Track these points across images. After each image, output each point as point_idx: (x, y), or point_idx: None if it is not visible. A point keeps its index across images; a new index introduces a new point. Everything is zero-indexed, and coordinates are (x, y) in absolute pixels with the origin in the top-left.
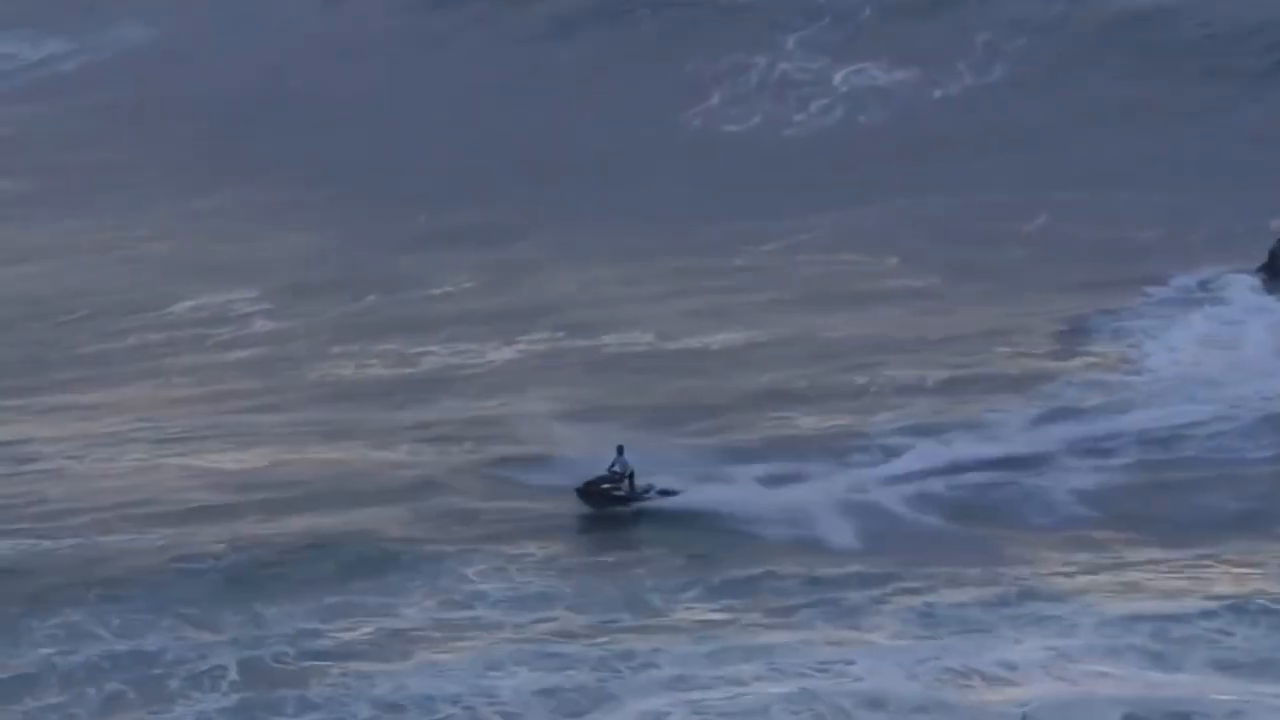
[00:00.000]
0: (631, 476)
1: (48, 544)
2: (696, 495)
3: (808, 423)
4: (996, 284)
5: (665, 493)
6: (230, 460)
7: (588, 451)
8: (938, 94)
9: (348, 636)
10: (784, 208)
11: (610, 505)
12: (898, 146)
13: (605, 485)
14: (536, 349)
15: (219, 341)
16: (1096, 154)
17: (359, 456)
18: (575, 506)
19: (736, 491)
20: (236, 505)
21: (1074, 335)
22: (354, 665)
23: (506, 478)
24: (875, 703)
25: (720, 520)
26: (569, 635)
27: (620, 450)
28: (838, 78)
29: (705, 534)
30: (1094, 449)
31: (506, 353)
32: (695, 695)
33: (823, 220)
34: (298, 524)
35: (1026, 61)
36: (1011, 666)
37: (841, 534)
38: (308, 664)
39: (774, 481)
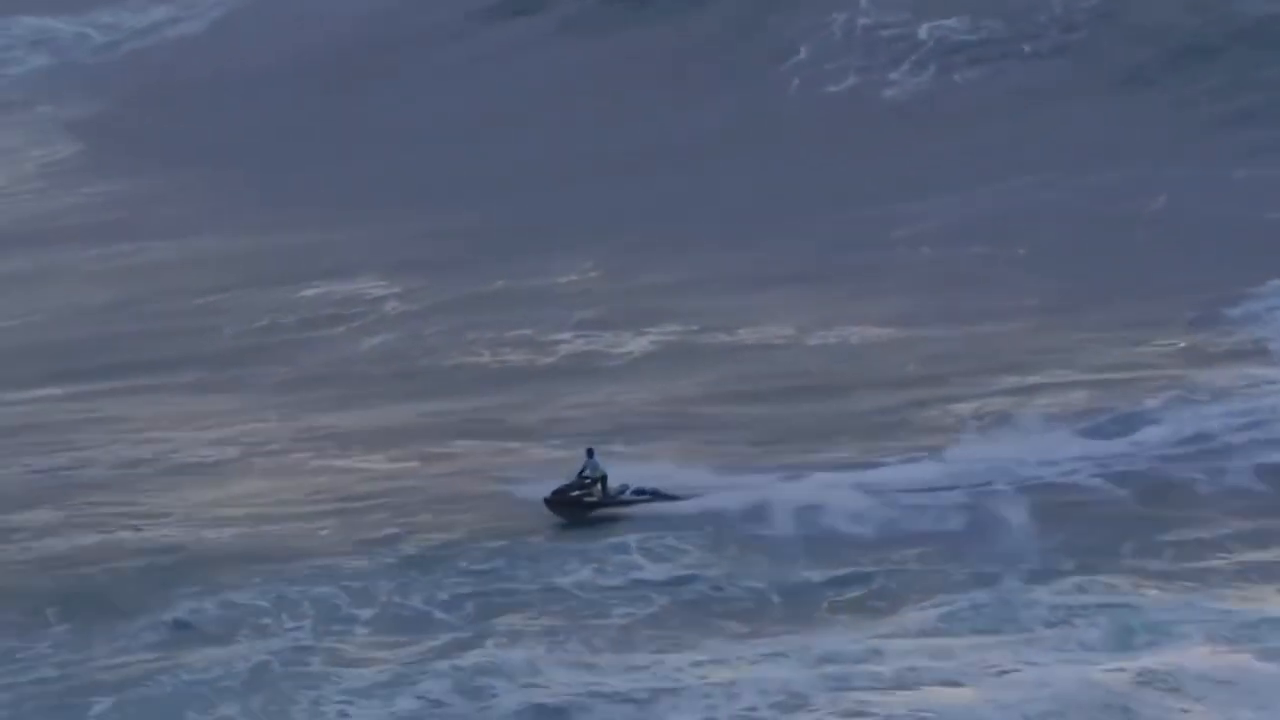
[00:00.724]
0: (604, 480)
1: (209, 533)
2: (694, 497)
3: (963, 409)
4: (1126, 268)
5: (642, 493)
6: (382, 450)
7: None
8: (1027, 48)
9: None
10: (901, 180)
11: (582, 513)
12: (998, 104)
13: (575, 493)
14: (668, 339)
15: (353, 328)
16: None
17: (500, 447)
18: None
19: (752, 489)
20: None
21: (1213, 320)
22: None
23: None
24: None
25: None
26: None
27: (590, 453)
28: (922, 31)
29: None
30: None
31: (641, 343)
32: None
33: (945, 202)
34: (464, 520)
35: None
36: None
37: (1018, 514)
38: None
39: (932, 465)
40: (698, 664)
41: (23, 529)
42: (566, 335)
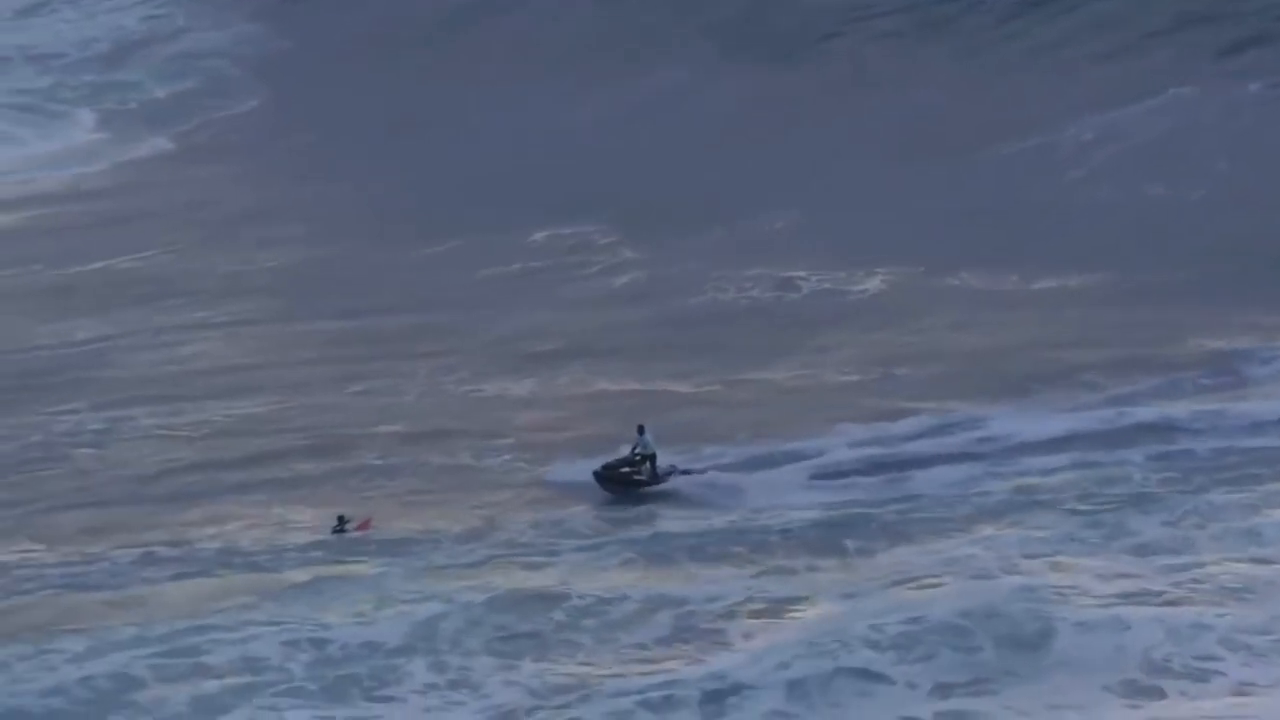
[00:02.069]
0: (653, 459)
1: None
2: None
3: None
4: None
5: (688, 473)
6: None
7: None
8: None
9: None
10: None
11: (631, 489)
12: None
13: (625, 469)
14: (896, 279)
15: (594, 270)
16: None
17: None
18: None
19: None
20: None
21: None
22: None
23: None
24: None
25: None
26: None
27: (641, 430)
28: None
29: None
30: None
31: (874, 282)
32: None
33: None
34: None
35: None
36: None
37: None
38: None
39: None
40: None
41: None
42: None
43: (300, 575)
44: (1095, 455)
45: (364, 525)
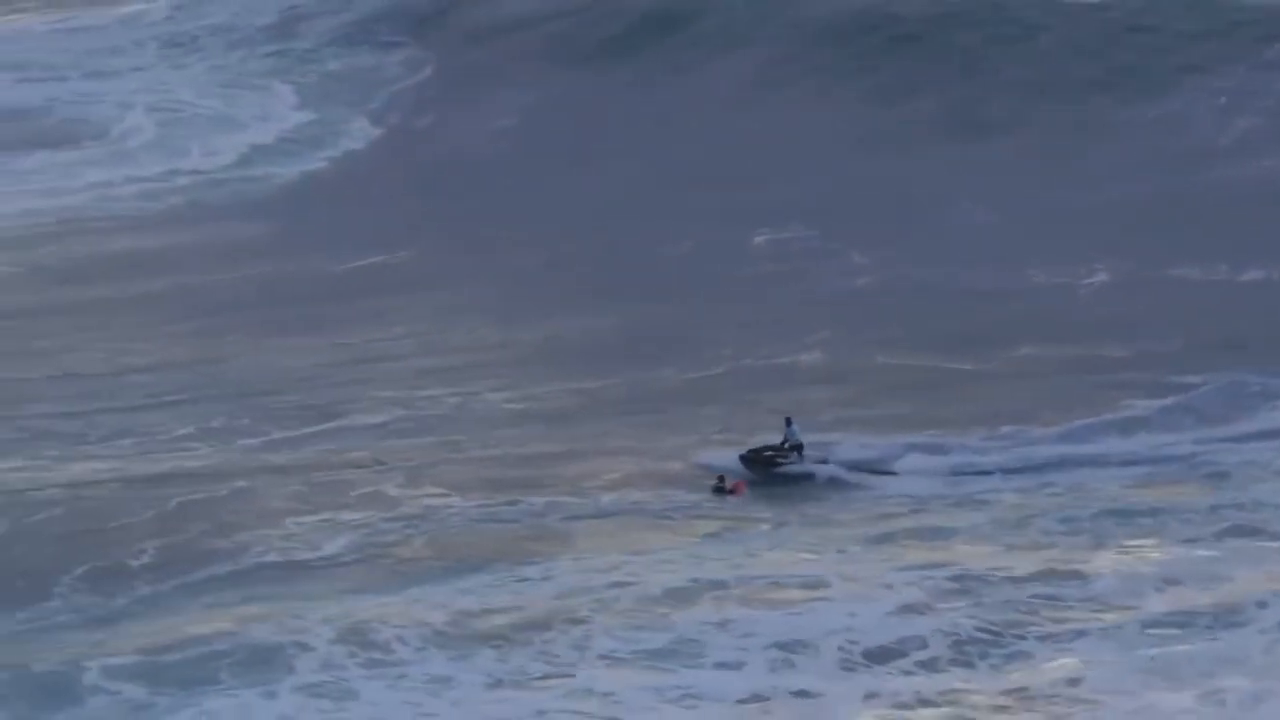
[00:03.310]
0: (800, 448)
1: None
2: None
3: None
4: None
5: (825, 463)
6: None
7: None
8: None
9: None
10: None
11: (770, 469)
12: None
13: (769, 453)
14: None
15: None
16: None
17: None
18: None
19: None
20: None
21: None
22: None
23: None
24: None
25: None
26: None
27: (789, 422)
28: None
29: None
30: None
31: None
32: None
33: None
34: None
35: None
36: None
37: None
38: None
39: None
40: None
41: None
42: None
43: (709, 525)
44: None
45: (737, 488)
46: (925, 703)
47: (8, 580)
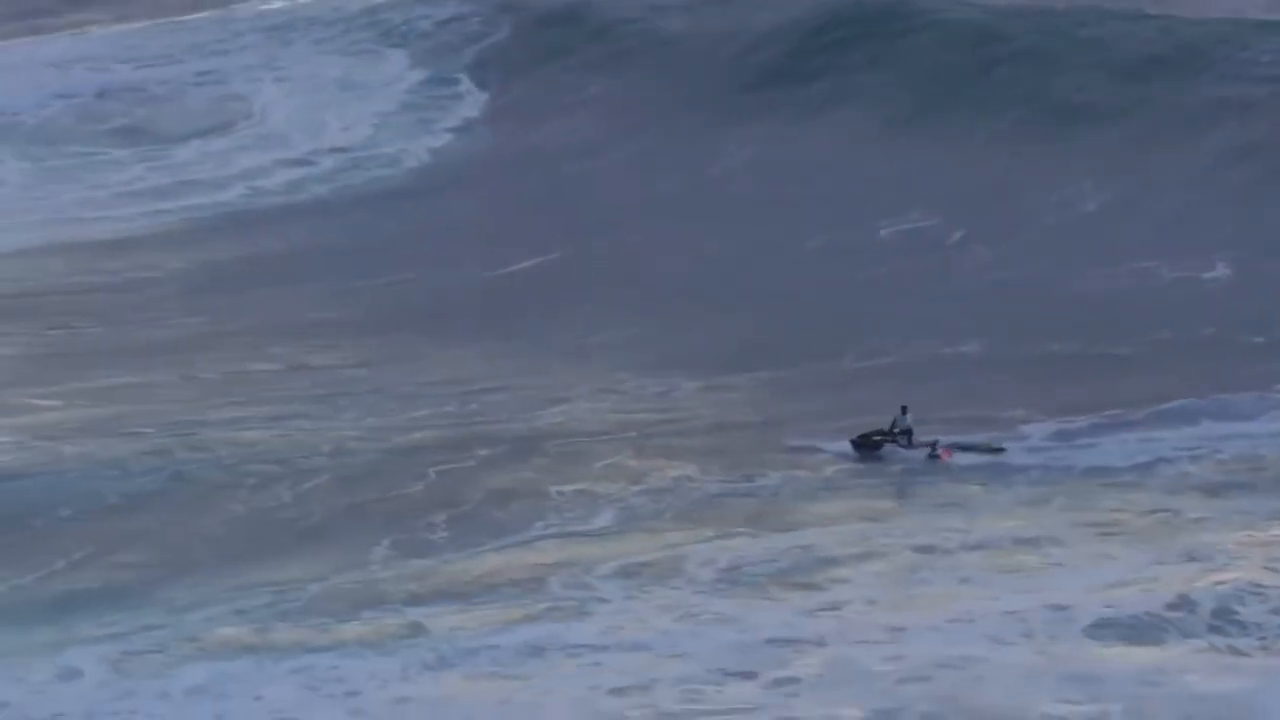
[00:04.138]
0: (909, 433)
1: None
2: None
3: None
4: None
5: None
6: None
7: None
8: None
9: None
10: None
11: (876, 451)
12: None
13: (876, 438)
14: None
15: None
16: None
17: None
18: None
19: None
20: None
21: None
22: None
23: None
24: None
25: None
26: None
27: (904, 410)
28: None
29: None
30: None
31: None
32: None
33: None
34: None
35: None
36: None
37: None
38: None
39: None
40: None
41: None
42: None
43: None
44: None
45: (946, 454)
46: None
47: (328, 542)
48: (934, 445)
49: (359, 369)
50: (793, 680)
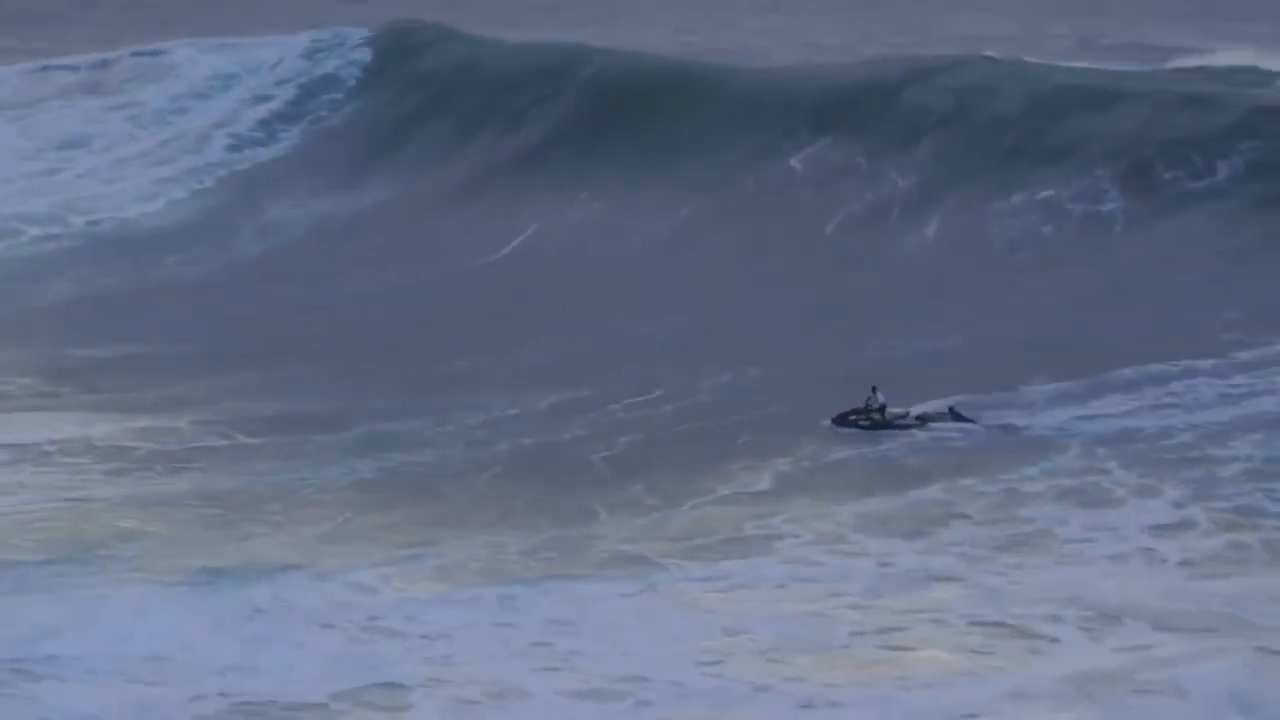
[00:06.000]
0: (883, 409)
1: None
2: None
3: None
4: None
5: (922, 418)
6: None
7: None
8: None
9: None
10: None
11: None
12: None
13: (852, 416)
14: None
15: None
16: None
17: None
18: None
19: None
20: None
21: None
22: None
23: None
24: None
25: None
26: None
27: (874, 390)
28: None
29: None
30: None
31: None
32: None
33: None
34: None
35: None
36: None
37: None
38: None
39: None
40: None
41: None
42: None
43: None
44: None
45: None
46: None
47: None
48: (952, 409)
49: None
50: None
